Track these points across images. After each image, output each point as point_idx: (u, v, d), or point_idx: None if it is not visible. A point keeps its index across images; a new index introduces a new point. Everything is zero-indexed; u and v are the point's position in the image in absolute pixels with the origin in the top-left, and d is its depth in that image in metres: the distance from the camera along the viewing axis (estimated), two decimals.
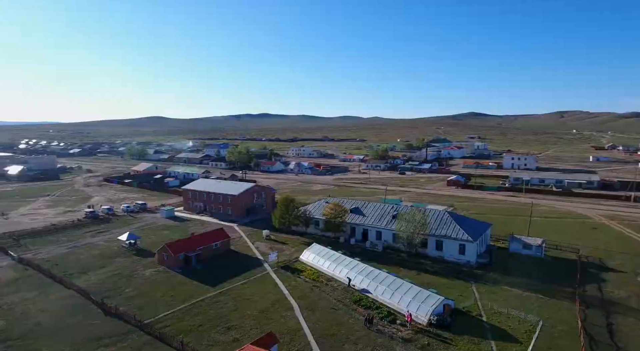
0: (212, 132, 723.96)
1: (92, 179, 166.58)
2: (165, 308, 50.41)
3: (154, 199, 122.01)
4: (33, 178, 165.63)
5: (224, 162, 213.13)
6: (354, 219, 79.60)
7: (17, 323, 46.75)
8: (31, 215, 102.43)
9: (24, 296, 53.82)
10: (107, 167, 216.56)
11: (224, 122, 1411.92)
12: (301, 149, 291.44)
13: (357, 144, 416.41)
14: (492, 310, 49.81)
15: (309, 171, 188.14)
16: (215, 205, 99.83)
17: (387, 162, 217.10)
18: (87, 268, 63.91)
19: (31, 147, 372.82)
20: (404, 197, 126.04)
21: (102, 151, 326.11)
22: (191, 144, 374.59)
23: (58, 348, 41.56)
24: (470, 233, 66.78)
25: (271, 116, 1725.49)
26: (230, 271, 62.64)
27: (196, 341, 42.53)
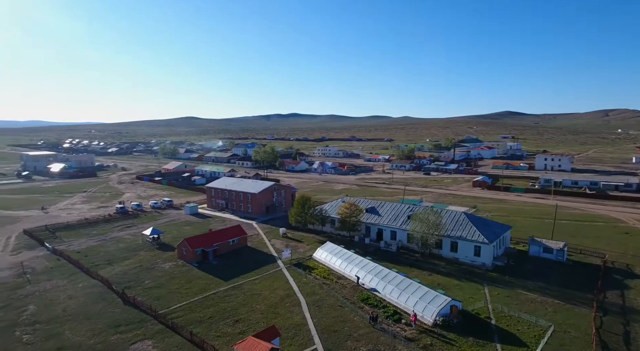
0: (242, 132, 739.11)
1: (126, 177, 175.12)
2: (179, 299, 52.89)
3: (181, 197, 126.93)
4: (72, 175, 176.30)
5: (250, 162, 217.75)
6: (369, 218, 79.74)
7: (46, 308, 50.59)
8: (68, 210, 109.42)
9: (55, 284, 58.03)
10: (140, 165, 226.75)
11: (254, 122, 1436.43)
12: (327, 149, 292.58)
13: (384, 144, 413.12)
14: (502, 313, 48.83)
15: (332, 170, 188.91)
16: (236, 203, 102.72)
17: (412, 163, 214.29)
18: (113, 260, 67.87)
19: (74, 146, 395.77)
20: (426, 197, 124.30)
21: (137, 150, 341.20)
22: (221, 144, 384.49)
23: (80, 332, 44.73)
24: (486, 235, 65.40)
25: (300, 115, 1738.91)
26: (245, 266, 64.60)
27: (205, 332, 44.51)
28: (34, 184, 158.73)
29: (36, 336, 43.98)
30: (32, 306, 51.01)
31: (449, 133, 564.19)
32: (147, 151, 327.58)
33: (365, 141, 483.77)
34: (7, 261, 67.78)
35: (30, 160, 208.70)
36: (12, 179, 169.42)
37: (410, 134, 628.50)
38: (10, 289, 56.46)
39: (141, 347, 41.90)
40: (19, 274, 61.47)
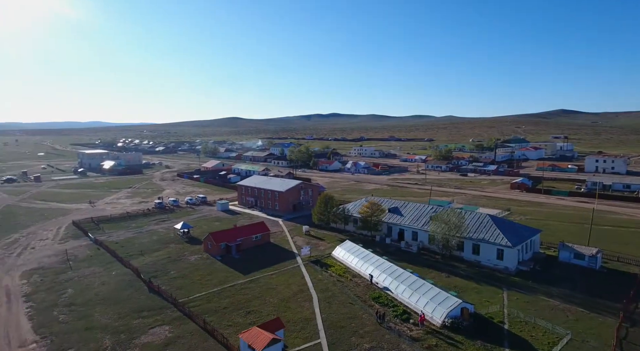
0: (283, 132, 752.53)
1: (168, 174, 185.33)
2: (199, 289, 56.02)
3: (216, 194, 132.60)
4: (121, 172, 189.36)
5: (285, 161, 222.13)
6: (391, 218, 79.36)
7: (82, 292, 55.61)
8: (113, 204, 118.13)
9: (92, 271, 63.46)
10: (182, 163, 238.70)
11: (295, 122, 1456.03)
12: (363, 149, 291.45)
13: (424, 144, 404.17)
14: (517, 318, 47.21)
15: (365, 170, 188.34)
16: (265, 200, 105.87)
17: (448, 163, 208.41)
18: (145, 251, 72.84)
19: (126, 145, 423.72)
20: (458, 199, 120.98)
21: (182, 149, 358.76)
22: (260, 143, 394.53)
23: (107, 315, 48.88)
24: (510, 238, 63.07)
25: (340, 115, 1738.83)
26: (265, 261, 66.89)
27: (217, 321, 47.03)
28: (87, 180, 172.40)
29: (70, 317, 48.64)
30: (70, 290, 56.27)
31: (494, 133, 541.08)
32: (191, 150, 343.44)
33: (404, 141, 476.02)
34: (55, 248, 74.86)
35: (86, 158, 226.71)
36: (69, 175, 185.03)
37: (452, 134, 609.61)
38: (54, 273, 62.53)
39: (159, 331, 45.10)
40: (63, 261, 67.79)
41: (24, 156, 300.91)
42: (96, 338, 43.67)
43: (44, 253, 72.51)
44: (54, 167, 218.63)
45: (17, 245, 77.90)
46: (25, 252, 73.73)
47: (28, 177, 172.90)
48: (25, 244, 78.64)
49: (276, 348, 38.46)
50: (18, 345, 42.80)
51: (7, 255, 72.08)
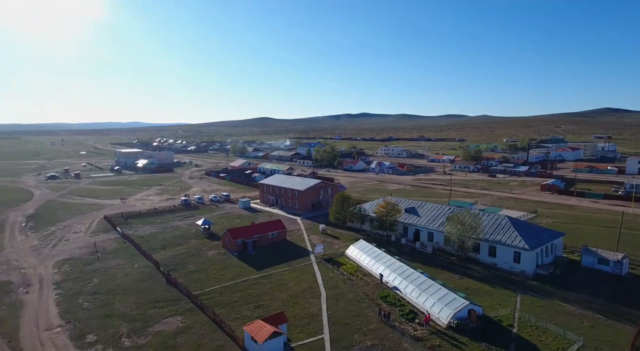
0: (312, 132, 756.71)
1: (197, 173, 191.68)
2: (213, 283, 58.18)
3: (240, 192, 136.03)
4: (153, 170, 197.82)
5: (310, 160, 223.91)
6: (407, 218, 78.79)
7: (106, 282, 59.18)
8: (143, 200, 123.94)
9: (117, 263, 67.26)
10: (211, 162, 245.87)
11: (324, 122, 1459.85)
12: (390, 149, 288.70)
13: (454, 144, 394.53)
14: (528, 323, 45.96)
15: (390, 170, 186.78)
16: (285, 199, 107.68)
17: (477, 164, 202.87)
18: (167, 245, 76.23)
19: (161, 144, 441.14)
20: (482, 200, 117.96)
21: (213, 148, 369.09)
22: (288, 143, 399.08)
23: (126, 304, 51.85)
24: (528, 241, 61.18)
25: (370, 115, 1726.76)
26: (279, 258, 68.36)
27: (227, 314, 48.82)
28: (122, 177, 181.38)
29: (93, 304, 52.00)
30: (95, 279, 60.01)
31: (530, 133, 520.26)
32: (221, 149, 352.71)
33: (434, 141, 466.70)
34: (86, 241, 79.77)
35: (122, 156, 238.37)
36: (106, 173, 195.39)
37: (485, 134, 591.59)
38: (83, 264, 66.82)
39: (171, 321, 47.42)
40: (92, 253, 72.18)
41: (68, 155, 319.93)
42: (114, 325, 46.54)
43: (76, 245, 77.50)
44: (93, 165, 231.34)
45: (53, 237, 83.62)
46: (59, 244, 79.07)
47: (69, 174, 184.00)
48: (60, 236, 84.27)
49: (278, 341, 39.62)
50: (45, 328, 46.33)
51: (44, 246, 77.57)
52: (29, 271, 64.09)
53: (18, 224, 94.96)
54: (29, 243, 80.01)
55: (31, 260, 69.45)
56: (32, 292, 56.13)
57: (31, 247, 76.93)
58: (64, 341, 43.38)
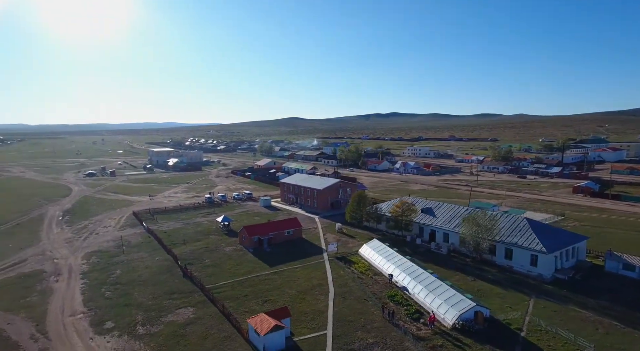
0: (340, 132, 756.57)
1: (223, 172, 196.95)
2: (226, 278, 60.25)
3: (263, 190, 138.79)
4: (182, 168, 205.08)
5: (335, 160, 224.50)
6: (423, 219, 78.01)
7: (127, 273, 62.61)
8: (170, 197, 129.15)
9: (140, 256, 70.85)
10: (239, 161, 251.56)
11: (353, 122, 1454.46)
12: (417, 149, 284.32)
13: (485, 144, 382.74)
14: (538, 327, 44.75)
15: (415, 170, 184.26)
16: (304, 198, 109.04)
17: (507, 165, 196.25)
18: (188, 240, 79.37)
19: (192, 144, 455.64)
20: (508, 202, 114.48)
21: (241, 148, 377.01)
22: (316, 143, 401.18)
23: (144, 295, 54.74)
24: (546, 244, 59.21)
25: (400, 115, 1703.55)
26: (292, 255, 69.66)
27: (236, 307, 50.57)
28: (154, 175, 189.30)
29: (114, 294, 55.28)
30: (118, 271, 63.61)
31: (570, 132, 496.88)
32: (249, 148, 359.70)
33: (464, 141, 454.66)
34: (114, 235, 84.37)
35: (155, 155, 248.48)
36: (139, 171, 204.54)
37: (521, 133, 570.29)
38: (109, 256, 70.89)
39: (184, 312, 49.70)
40: (118, 246, 76.34)
41: (106, 153, 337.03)
42: (131, 314, 49.36)
43: (105, 238, 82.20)
44: (128, 163, 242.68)
45: (85, 230, 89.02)
46: (90, 237, 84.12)
47: (105, 172, 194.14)
48: (92, 230, 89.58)
49: (279, 335, 40.74)
50: (69, 314, 49.81)
51: (76, 239, 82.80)
52: (60, 262, 68.76)
53: (55, 218, 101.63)
54: (63, 235, 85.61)
55: (63, 251, 74.40)
56: (62, 281, 60.29)
57: (65, 239, 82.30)
58: (84, 327, 46.52)
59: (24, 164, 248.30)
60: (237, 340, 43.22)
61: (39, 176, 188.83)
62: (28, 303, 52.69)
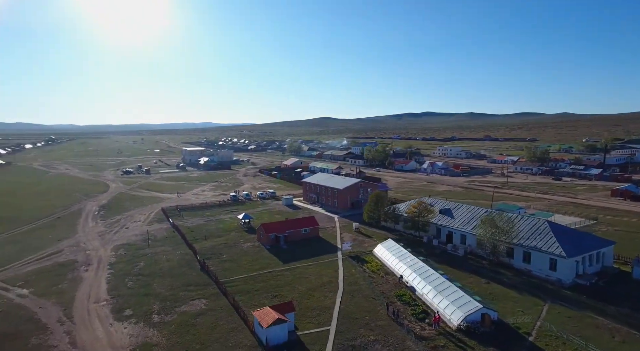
0: (371, 132, 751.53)
1: (251, 171, 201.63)
2: (241, 272, 62.35)
3: (287, 189, 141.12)
4: (212, 167, 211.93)
5: (362, 160, 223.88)
6: (440, 220, 76.87)
7: (150, 265, 66.15)
8: (197, 194, 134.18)
9: (163, 249, 74.55)
10: (267, 161, 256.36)
11: (385, 122, 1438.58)
12: (447, 149, 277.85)
13: (523, 145, 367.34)
14: (549, 332, 43.39)
15: (442, 171, 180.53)
16: (326, 197, 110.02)
17: (542, 166, 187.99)
18: (209, 236, 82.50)
19: (225, 143, 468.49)
20: (537, 204, 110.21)
21: (272, 147, 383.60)
22: (345, 143, 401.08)
23: (162, 286, 57.75)
24: (566, 248, 56.94)
25: (434, 114, 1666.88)
26: (307, 253, 70.86)
27: (246, 300, 52.37)
28: (185, 173, 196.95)
29: (136, 284, 58.72)
30: (142, 263, 67.35)
31: (618, 132, 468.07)
32: (279, 148, 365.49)
33: (500, 141, 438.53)
34: (142, 229, 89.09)
35: (188, 154, 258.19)
36: (172, 169, 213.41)
37: (563, 133, 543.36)
38: (135, 249, 75.10)
39: (197, 303, 52.11)
40: (144, 239, 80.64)
41: (144, 153, 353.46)
42: (149, 303, 52.35)
43: (133, 232, 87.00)
44: (163, 162, 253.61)
45: (117, 225, 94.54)
46: (121, 230, 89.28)
47: (141, 170, 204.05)
48: (123, 224, 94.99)
49: (282, 328, 41.98)
50: (94, 301, 53.53)
51: (108, 232, 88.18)
52: (91, 253, 73.66)
53: (92, 212, 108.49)
54: (97, 228, 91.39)
55: (95, 243, 79.56)
56: (91, 270, 64.66)
57: (98, 232, 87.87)
58: (105, 313, 49.89)
59: (70, 162, 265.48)
60: (243, 332, 44.90)
61: (82, 173, 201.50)
62: (59, 290, 57.07)
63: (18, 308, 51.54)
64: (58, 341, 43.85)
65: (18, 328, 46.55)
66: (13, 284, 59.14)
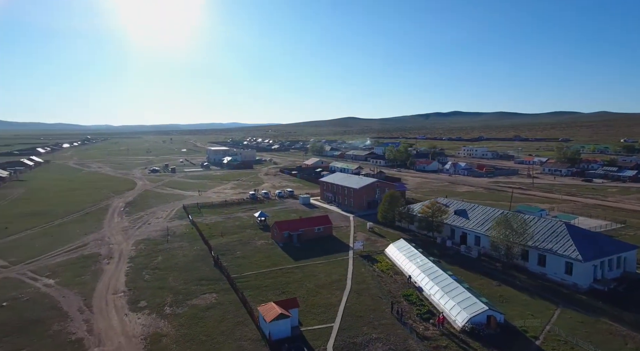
0: (396, 131, 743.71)
1: (272, 170, 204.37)
2: (252, 269, 63.84)
3: (306, 189, 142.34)
4: (235, 166, 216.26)
5: (383, 160, 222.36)
6: (455, 220, 75.76)
7: (167, 260, 68.76)
8: (218, 193, 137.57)
9: (181, 245, 77.24)
10: (289, 160, 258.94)
11: (412, 121, 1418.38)
12: (473, 149, 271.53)
13: (555, 145, 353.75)
14: (557, 337, 42.27)
15: (465, 171, 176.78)
16: (342, 197, 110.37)
17: (572, 167, 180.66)
18: (225, 233, 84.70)
19: (249, 143, 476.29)
20: (563, 207, 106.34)
21: (295, 147, 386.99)
22: (369, 142, 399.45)
23: (177, 280, 59.96)
24: (582, 252, 55.01)
25: (462, 113, 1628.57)
26: (319, 251, 71.60)
27: (254, 296, 53.68)
28: (209, 172, 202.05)
29: (152, 277, 61.28)
30: (160, 257, 70.11)
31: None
32: (302, 148, 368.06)
33: (531, 141, 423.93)
34: (162, 225, 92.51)
35: (212, 154, 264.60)
36: (197, 168, 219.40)
37: (599, 133, 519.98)
38: (155, 244, 78.18)
39: (208, 297, 53.87)
40: (164, 235, 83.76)
41: (172, 152, 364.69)
42: (162, 295, 54.59)
43: (154, 228, 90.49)
44: (189, 161, 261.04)
45: (140, 221, 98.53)
46: (143, 226, 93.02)
47: (167, 168, 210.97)
48: (146, 220, 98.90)
49: (284, 323, 42.89)
50: (112, 292, 56.32)
51: (132, 227, 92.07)
52: (114, 247, 77.24)
53: (118, 208, 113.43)
54: (121, 224, 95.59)
55: (119, 238, 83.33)
56: (112, 263, 67.92)
57: (122, 228, 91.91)
58: (122, 304, 52.45)
59: (102, 160, 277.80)
60: (249, 326, 46.16)
61: (112, 171, 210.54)
62: (81, 281, 60.36)
63: (43, 297, 54.97)
64: (77, 328, 46.55)
65: (42, 315, 49.71)
66: (41, 275, 63.01)
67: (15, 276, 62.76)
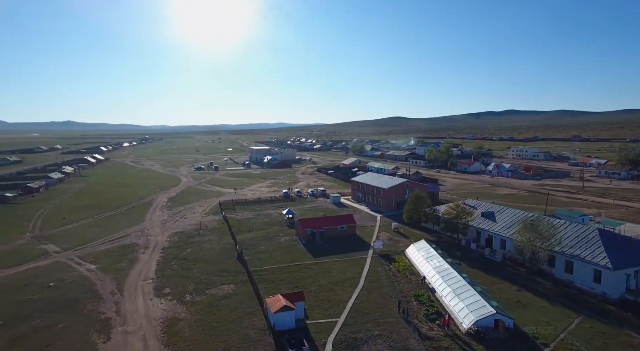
0: (444, 131, 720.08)
1: (310, 169, 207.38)
2: (271, 263, 66.28)
3: (339, 188, 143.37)
4: (274, 165, 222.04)
5: (423, 160, 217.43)
6: (481, 223, 73.26)
7: (195, 252, 73.22)
8: (254, 190, 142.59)
9: (210, 239, 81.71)
10: (328, 160, 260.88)
11: (462, 120, 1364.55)
12: (522, 150, 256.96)
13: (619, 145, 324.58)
14: (570, 346, 40.32)
15: (509, 173, 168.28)
16: (371, 196, 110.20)
17: (633, 169, 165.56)
18: (253, 229, 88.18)
19: (293, 142, 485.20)
20: (612, 212, 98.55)
21: (336, 147, 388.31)
22: (412, 142, 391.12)
23: (201, 271, 63.80)
24: (613, 259, 51.31)
25: (517, 112, 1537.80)
26: (339, 249, 72.56)
27: (268, 289, 55.91)
28: (249, 171, 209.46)
29: (179, 267, 65.73)
30: (189, 249, 74.79)
31: None
32: (344, 148, 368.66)
33: (593, 142, 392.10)
34: (196, 220, 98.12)
35: (254, 153, 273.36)
36: (238, 167, 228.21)
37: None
38: (187, 237, 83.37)
39: (226, 287, 56.98)
40: (197, 229, 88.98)
41: (218, 151, 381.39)
42: (185, 284, 58.52)
43: (189, 222, 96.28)
44: (232, 160, 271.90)
45: (178, 215, 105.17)
46: (180, 220, 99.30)
47: (211, 167, 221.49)
48: (183, 214, 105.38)
49: (289, 314, 44.55)
50: (142, 279, 61.28)
51: (170, 221, 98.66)
52: (151, 238, 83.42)
53: (161, 203, 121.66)
54: (162, 217, 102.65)
55: (157, 230, 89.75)
56: (147, 253, 73.59)
57: (161, 221, 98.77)
58: (149, 290, 57.01)
59: (154, 158, 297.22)
60: (258, 316, 48.40)
61: (162, 168, 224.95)
62: (118, 267, 66.16)
63: (84, 280, 61.10)
64: (107, 309, 51.47)
65: (80, 296, 55.38)
66: (86, 260, 69.86)
67: (64, 261, 70.18)
